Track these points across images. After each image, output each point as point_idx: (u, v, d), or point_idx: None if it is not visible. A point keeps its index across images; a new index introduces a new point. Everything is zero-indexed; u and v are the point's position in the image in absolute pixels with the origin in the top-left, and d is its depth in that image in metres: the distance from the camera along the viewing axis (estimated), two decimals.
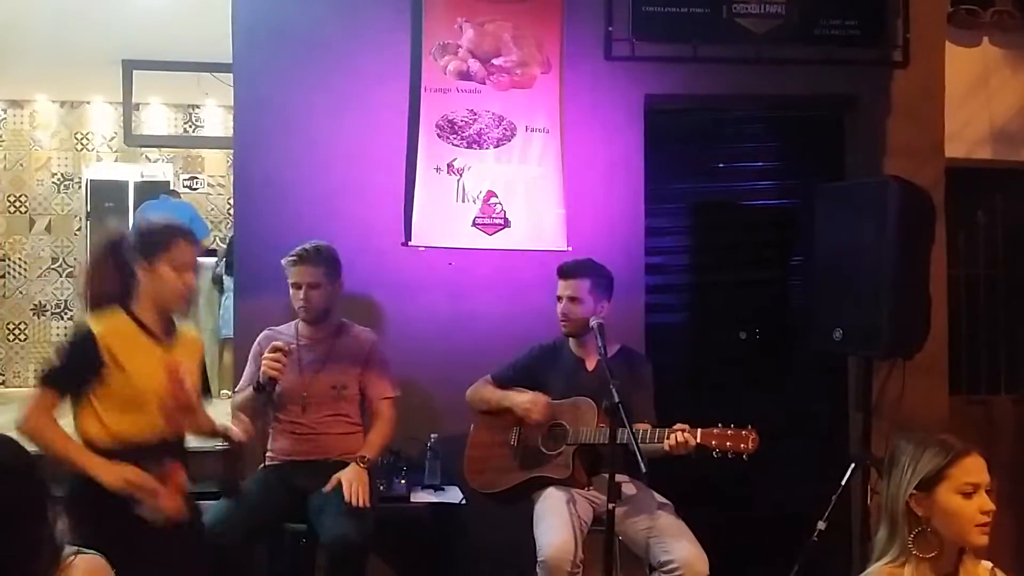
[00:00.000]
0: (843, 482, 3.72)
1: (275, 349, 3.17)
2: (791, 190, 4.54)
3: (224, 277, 6.98)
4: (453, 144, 4.07)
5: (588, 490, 3.21)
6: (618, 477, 2.82)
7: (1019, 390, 4.85)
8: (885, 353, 3.69)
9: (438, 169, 4.06)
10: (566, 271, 3.42)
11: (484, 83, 4.10)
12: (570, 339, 3.45)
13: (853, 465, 3.76)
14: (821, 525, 3.64)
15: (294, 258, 3.32)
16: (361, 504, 3.00)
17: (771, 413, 4.26)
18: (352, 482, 3.04)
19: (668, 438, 2.89)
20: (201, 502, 3.59)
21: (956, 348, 4.56)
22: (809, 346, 3.89)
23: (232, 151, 8.10)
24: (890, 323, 3.54)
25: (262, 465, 3.33)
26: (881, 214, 3.57)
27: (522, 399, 3.31)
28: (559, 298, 3.41)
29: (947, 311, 4.40)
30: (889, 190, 3.57)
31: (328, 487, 3.04)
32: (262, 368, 3.16)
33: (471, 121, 4.08)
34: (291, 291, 3.35)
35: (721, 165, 4.60)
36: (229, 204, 8.88)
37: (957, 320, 4.61)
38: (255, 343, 3.44)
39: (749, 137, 4.63)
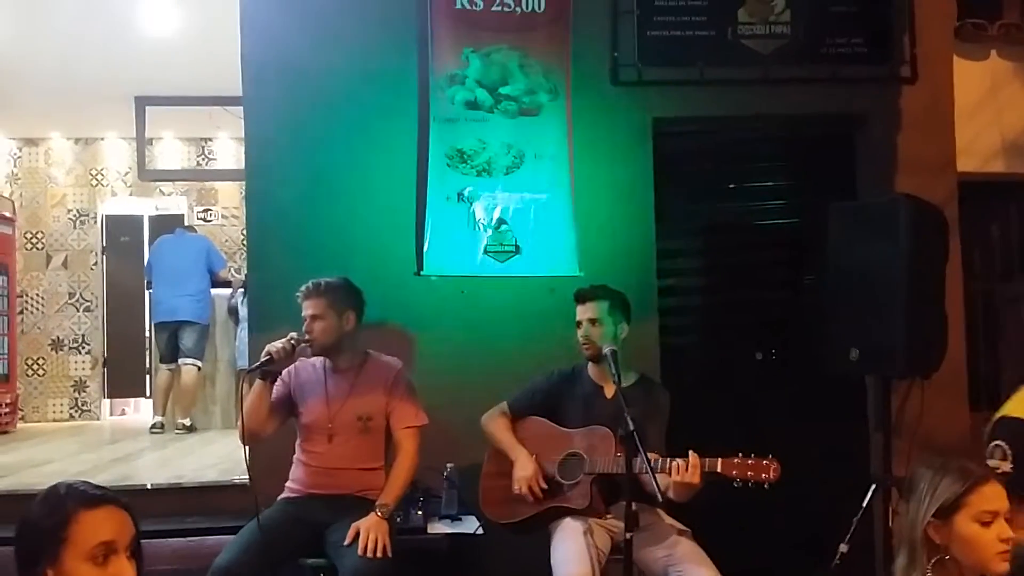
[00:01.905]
0: (864, 504, 3.67)
1: (289, 335, 3.23)
2: (802, 209, 4.53)
3: (240, 307, 7.01)
4: (463, 173, 4.09)
5: (606, 519, 3.18)
6: (636, 505, 2.78)
7: None
8: (902, 373, 3.65)
9: (449, 198, 4.08)
10: (584, 295, 3.41)
11: (492, 112, 4.12)
12: (589, 366, 3.43)
13: (874, 486, 3.71)
14: (843, 548, 3.59)
15: (301, 292, 3.35)
16: (379, 555, 2.97)
17: (790, 434, 4.25)
18: (370, 533, 3.00)
19: (674, 471, 2.84)
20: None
21: (975, 363, 4.52)
22: (826, 367, 3.85)
23: (244, 183, 8.24)
24: (906, 342, 3.50)
25: (280, 497, 3.32)
26: (893, 232, 3.54)
27: (522, 468, 3.25)
28: (578, 323, 3.39)
29: (964, 327, 4.35)
30: (901, 208, 3.54)
31: (348, 539, 2.99)
32: (264, 349, 3.19)
33: (480, 150, 4.10)
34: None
35: (732, 186, 4.60)
36: (243, 235, 8.92)
37: (975, 335, 4.57)
38: (282, 375, 3.42)
39: (759, 157, 4.63)
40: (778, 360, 4.52)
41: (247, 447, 3.25)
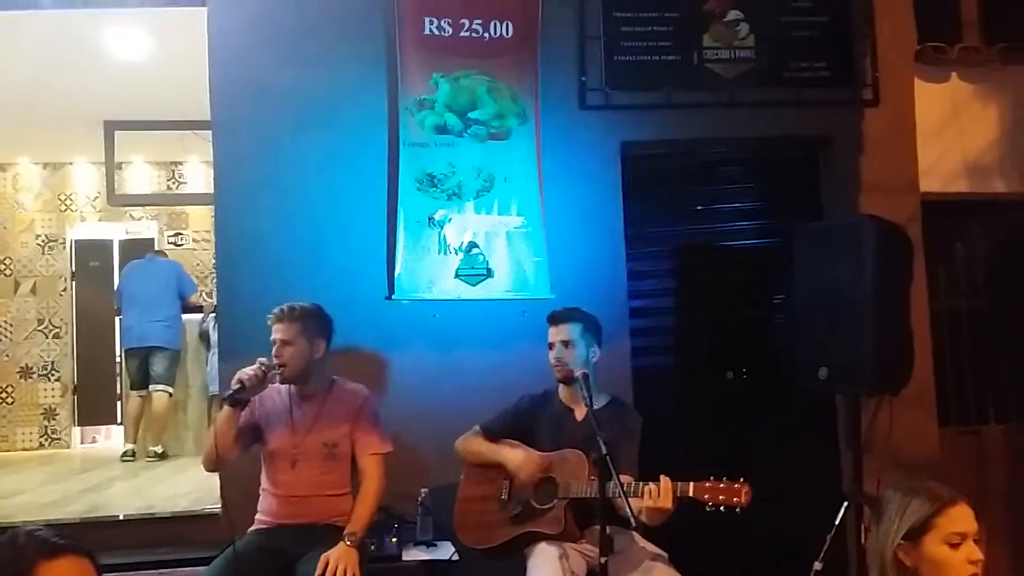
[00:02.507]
0: (837, 521, 3.69)
1: (258, 361, 3.20)
2: (770, 230, 4.59)
3: (211, 332, 6.97)
4: (433, 197, 4.11)
5: (580, 543, 3.18)
6: (610, 529, 2.79)
7: (1008, 419, 4.86)
8: (871, 390, 3.69)
9: (419, 222, 4.10)
10: (557, 317, 3.43)
11: (461, 136, 4.15)
12: (560, 389, 3.45)
13: (846, 504, 3.74)
14: (817, 566, 3.59)
15: (271, 316, 3.33)
16: None
17: (761, 452, 4.29)
18: (339, 564, 2.98)
19: (644, 498, 2.85)
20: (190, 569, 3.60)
21: (943, 381, 4.58)
22: (795, 386, 3.89)
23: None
24: (874, 360, 3.54)
25: (251, 529, 3.29)
26: (858, 253, 3.59)
27: (514, 456, 3.30)
28: (550, 345, 3.41)
29: (931, 344, 4.42)
30: (865, 229, 3.60)
31: (317, 572, 2.96)
32: (235, 377, 3.15)
33: (450, 174, 4.12)
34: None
35: (699, 208, 4.65)
36: (215, 259, 8.88)
37: (942, 353, 4.64)
38: None
39: (726, 179, 4.68)
40: (748, 379, 4.55)
41: (214, 472, 3.23)
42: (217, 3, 4.16)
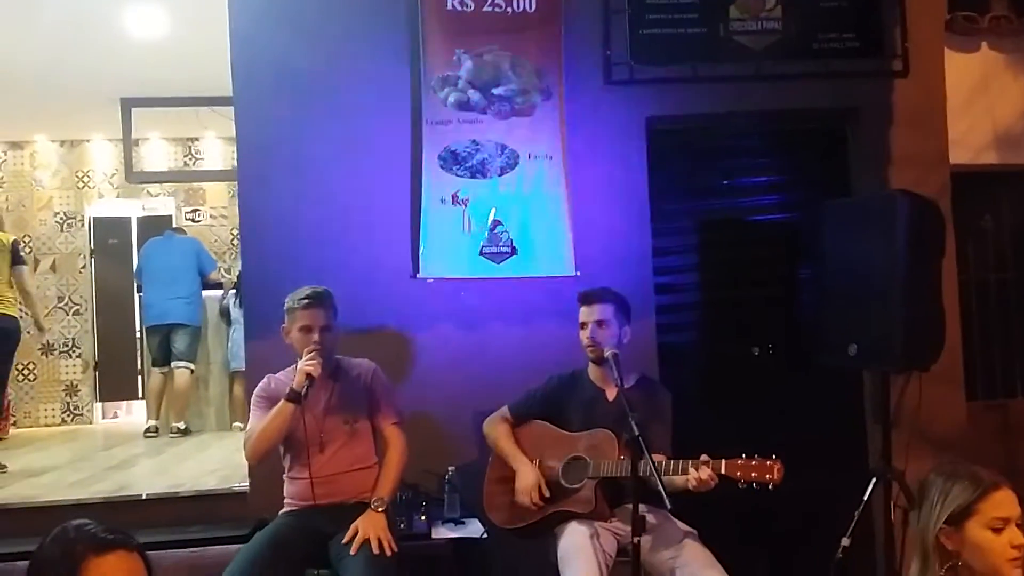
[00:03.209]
0: (865, 497, 3.69)
1: (310, 351, 3.16)
2: (796, 204, 4.54)
3: (232, 308, 6.98)
4: (457, 175, 4.07)
5: (611, 522, 3.19)
6: (642, 507, 2.79)
7: None
8: (902, 367, 3.66)
9: (443, 200, 4.07)
10: (591, 297, 3.41)
11: (485, 113, 4.10)
12: (589, 368, 3.44)
13: (875, 480, 3.72)
14: (845, 542, 3.59)
15: (306, 300, 3.25)
16: (388, 552, 2.98)
17: (788, 429, 4.27)
18: (372, 531, 3.01)
19: (689, 473, 2.85)
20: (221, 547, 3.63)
21: (970, 354, 4.54)
22: (824, 362, 3.86)
23: (235, 183, 8.20)
24: (905, 336, 3.50)
25: (283, 511, 3.30)
26: (890, 228, 3.54)
27: (524, 474, 3.27)
28: (583, 324, 3.39)
29: (959, 318, 4.37)
30: (898, 204, 3.54)
31: (347, 538, 3.00)
32: (300, 369, 3.13)
33: (474, 151, 4.08)
34: (297, 335, 3.26)
35: (725, 182, 4.59)
36: (232, 235, 8.90)
37: (969, 326, 4.60)
38: (258, 390, 3.37)
39: (752, 153, 4.63)
40: (774, 355, 4.53)
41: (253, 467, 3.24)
42: None
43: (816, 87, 4.34)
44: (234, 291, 6.94)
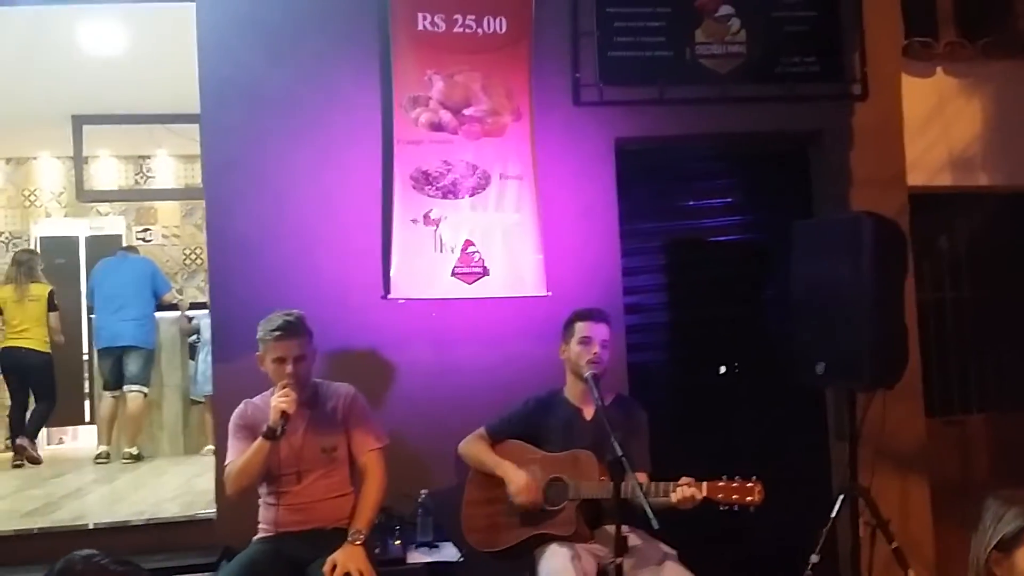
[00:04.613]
0: (833, 514, 3.74)
1: (283, 386, 3.09)
2: (761, 224, 4.61)
3: (203, 331, 6.80)
4: (428, 195, 4.06)
5: (591, 543, 3.18)
6: (623, 528, 2.79)
7: (991, 408, 4.95)
8: (869, 385, 3.73)
9: (414, 221, 4.05)
10: (598, 315, 3.44)
11: (456, 133, 4.10)
12: (566, 389, 3.45)
13: (842, 496, 3.78)
14: (814, 558, 3.65)
15: (278, 332, 3.17)
16: None
17: (753, 446, 4.33)
18: (351, 564, 2.95)
19: (675, 492, 2.87)
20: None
21: (928, 371, 4.64)
22: (791, 381, 3.91)
23: (187, 202, 8.07)
24: (872, 355, 3.58)
25: (256, 537, 3.23)
26: (856, 249, 3.62)
27: (517, 478, 3.25)
28: (586, 339, 3.37)
29: (918, 335, 4.48)
30: (863, 225, 3.63)
31: (326, 570, 2.93)
32: (274, 406, 3.05)
33: (445, 171, 4.08)
34: (271, 365, 3.19)
35: (692, 203, 4.65)
36: (185, 255, 8.76)
37: (927, 344, 4.70)
38: (235, 418, 3.29)
39: (718, 174, 4.69)
40: (740, 374, 4.58)
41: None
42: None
43: (779, 110, 4.43)
44: (206, 311, 6.78)
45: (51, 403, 6.91)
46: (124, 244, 8.27)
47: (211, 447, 6.43)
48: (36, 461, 6.57)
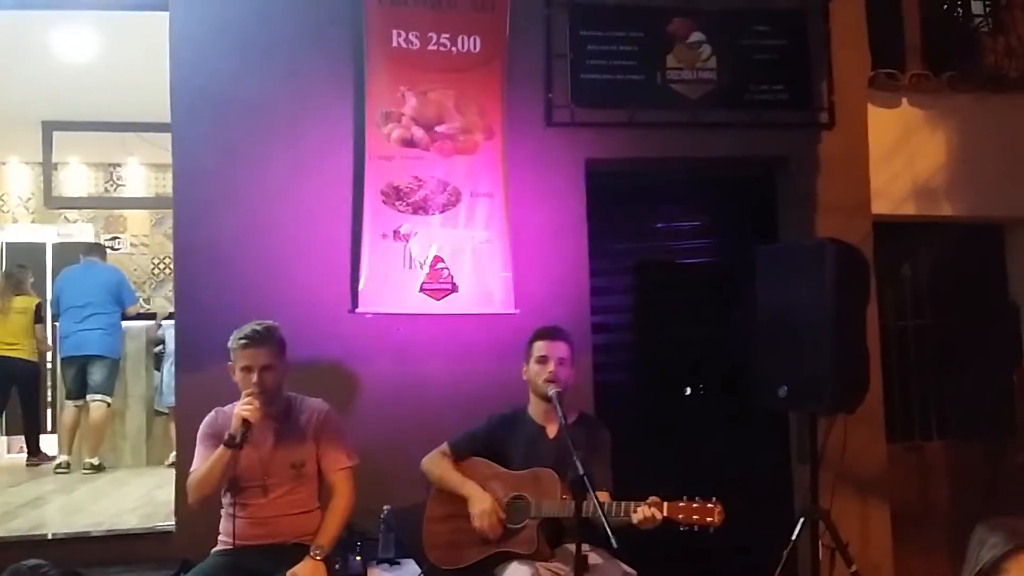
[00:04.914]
0: (793, 536, 3.77)
1: (247, 395, 3.07)
2: (727, 248, 4.67)
3: (168, 341, 6.74)
4: (399, 210, 4.07)
5: (551, 562, 3.18)
6: (583, 547, 2.79)
7: (950, 435, 5.02)
8: (829, 409, 3.78)
9: (384, 235, 4.06)
10: (554, 333, 3.43)
11: (428, 150, 4.12)
12: (530, 406, 3.44)
13: (802, 519, 3.81)
14: None
15: (244, 341, 3.15)
16: None
17: (716, 467, 4.35)
18: None
19: (636, 512, 2.89)
20: None
21: (889, 397, 4.70)
22: (754, 403, 3.95)
23: (157, 211, 8.01)
24: (833, 380, 3.63)
25: (215, 550, 3.20)
26: (819, 274, 3.68)
27: (480, 500, 3.23)
28: (543, 359, 3.37)
29: (880, 361, 4.54)
30: (826, 251, 3.69)
31: None
32: (236, 414, 3.03)
33: (416, 187, 4.09)
34: (239, 374, 3.17)
35: (660, 225, 4.71)
36: (153, 264, 8.70)
37: (889, 370, 4.76)
38: (204, 426, 3.26)
39: (686, 198, 4.75)
40: (704, 395, 4.62)
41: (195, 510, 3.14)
42: (180, 8, 4.06)
43: (747, 136, 4.49)
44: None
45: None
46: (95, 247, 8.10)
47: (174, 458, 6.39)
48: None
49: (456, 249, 4.10)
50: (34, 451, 7.11)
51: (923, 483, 4.87)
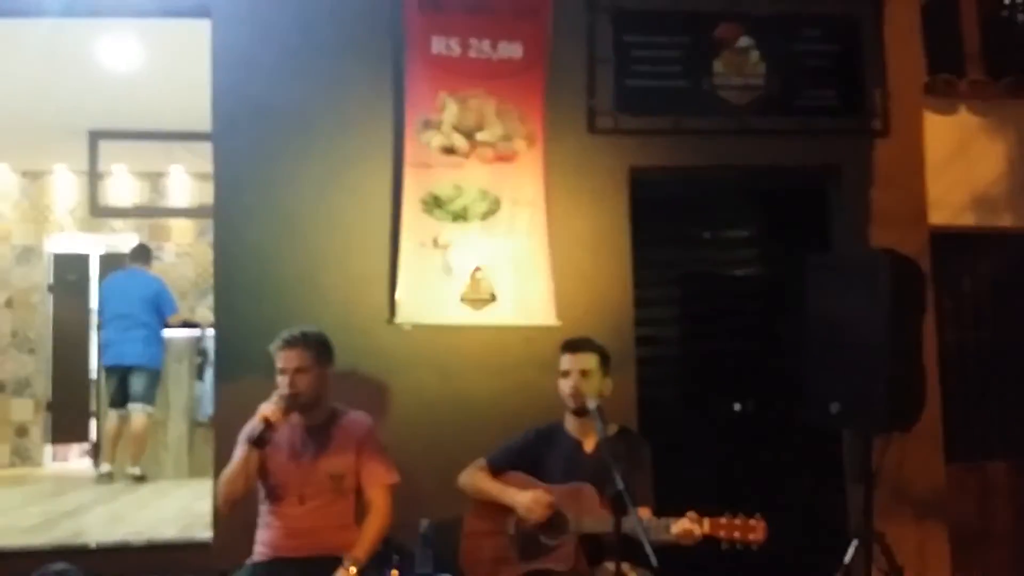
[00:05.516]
0: (846, 560, 3.62)
1: (277, 395, 3.10)
2: (777, 259, 4.53)
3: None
4: (438, 219, 4.00)
5: None
6: (623, 565, 2.69)
7: (1014, 455, 4.81)
8: (884, 427, 3.63)
9: (423, 244, 3.99)
10: (576, 345, 3.34)
11: (468, 157, 4.05)
12: (567, 420, 3.35)
13: (856, 542, 3.66)
14: None
15: (280, 343, 3.18)
16: None
17: (766, 486, 4.21)
18: None
19: (674, 527, 2.78)
20: None
21: (949, 414, 4.52)
22: (805, 420, 3.81)
23: (201, 220, 8.05)
24: (888, 396, 3.48)
25: (250, 561, 3.15)
26: (873, 287, 3.54)
27: (524, 498, 3.18)
28: (565, 373, 3.30)
29: (939, 377, 4.36)
30: (880, 262, 3.55)
31: None
32: (258, 415, 3.03)
33: (456, 196, 4.02)
34: (279, 377, 3.18)
35: (707, 235, 4.58)
36: (197, 273, 8.73)
37: (949, 386, 4.58)
38: (243, 431, 3.22)
39: (734, 207, 4.63)
40: (755, 411, 4.47)
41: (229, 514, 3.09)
42: (222, 16, 4.05)
43: (798, 144, 4.36)
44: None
45: None
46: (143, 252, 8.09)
47: None
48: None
49: (496, 259, 4.02)
50: None
51: (984, 505, 4.67)
